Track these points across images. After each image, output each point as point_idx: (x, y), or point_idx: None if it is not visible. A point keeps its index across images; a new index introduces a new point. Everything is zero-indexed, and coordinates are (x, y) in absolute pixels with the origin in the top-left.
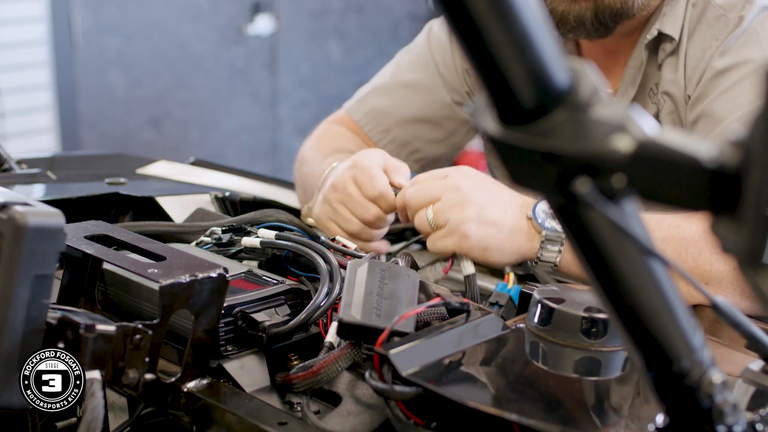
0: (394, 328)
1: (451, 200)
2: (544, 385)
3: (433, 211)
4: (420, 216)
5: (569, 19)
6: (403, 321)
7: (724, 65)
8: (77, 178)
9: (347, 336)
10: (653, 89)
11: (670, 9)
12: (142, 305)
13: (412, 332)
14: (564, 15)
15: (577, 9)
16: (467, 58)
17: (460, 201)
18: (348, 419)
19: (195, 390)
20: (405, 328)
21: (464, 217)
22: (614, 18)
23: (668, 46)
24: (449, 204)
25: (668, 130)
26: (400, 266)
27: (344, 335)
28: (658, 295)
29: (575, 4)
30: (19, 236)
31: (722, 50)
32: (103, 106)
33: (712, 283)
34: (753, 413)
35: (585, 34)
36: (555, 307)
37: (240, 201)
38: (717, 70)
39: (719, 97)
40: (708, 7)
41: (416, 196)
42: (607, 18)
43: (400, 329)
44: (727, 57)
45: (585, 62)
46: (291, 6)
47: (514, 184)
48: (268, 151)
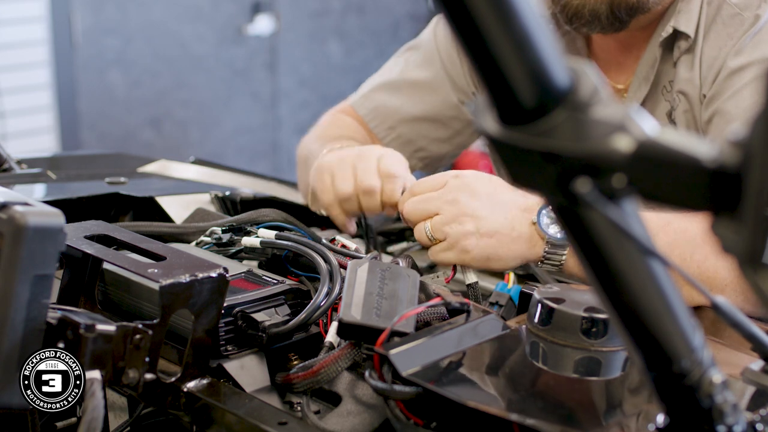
0: (394, 328)
1: (449, 215)
2: (544, 386)
3: (431, 226)
4: (419, 229)
5: (584, 13)
6: (404, 321)
7: (739, 64)
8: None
9: (347, 336)
10: (666, 86)
11: (685, 6)
12: (142, 305)
13: (412, 332)
14: (579, 9)
15: (593, 3)
16: (467, 58)
17: (457, 215)
18: (348, 419)
19: (195, 390)
20: (405, 328)
21: (463, 232)
22: (630, 12)
23: (683, 44)
24: (447, 219)
25: (668, 130)
26: (401, 266)
27: (344, 335)
28: (658, 295)
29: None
30: (19, 236)
31: (737, 49)
32: (103, 106)
33: (716, 290)
34: (753, 413)
35: (600, 28)
36: (555, 307)
37: (240, 200)
38: (732, 69)
39: (733, 96)
40: (723, 5)
41: (414, 210)
42: (623, 12)
43: (400, 329)
44: (741, 56)
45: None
46: (291, 6)
47: (514, 184)
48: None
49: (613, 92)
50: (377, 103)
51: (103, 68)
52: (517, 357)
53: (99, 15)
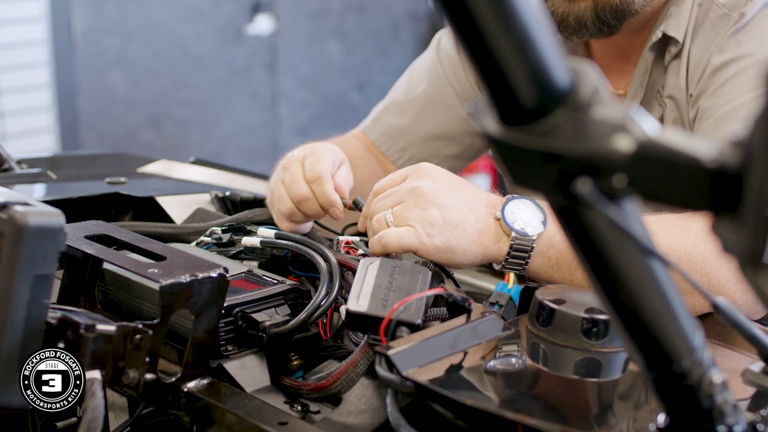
0: (401, 318)
1: (412, 202)
2: (545, 386)
3: (393, 213)
4: (378, 218)
5: (570, 21)
6: (412, 311)
7: (722, 61)
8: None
9: (354, 327)
10: (660, 91)
11: (676, 9)
12: (143, 305)
13: (419, 323)
14: (564, 17)
15: (577, 10)
16: (468, 59)
17: (420, 202)
18: (348, 419)
19: (195, 390)
20: (413, 318)
21: (427, 218)
22: (617, 16)
23: (673, 49)
24: (410, 206)
25: (669, 130)
26: (413, 263)
27: (351, 326)
28: (658, 295)
29: (574, 4)
30: (19, 236)
31: (720, 47)
32: (103, 106)
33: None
34: (753, 413)
35: (588, 34)
36: (556, 307)
37: (240, 200)
38: (715, 67)
39: (714, 93)
40: (712, 6)
41: (377, 207)
42: (609, 16)
43: (408, 319)
44: (724, 53)
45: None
46: (291, 6)
47: (515, 184)
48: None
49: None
50: (387, 126)
51: (103, 68)
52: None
53: (99, 15)
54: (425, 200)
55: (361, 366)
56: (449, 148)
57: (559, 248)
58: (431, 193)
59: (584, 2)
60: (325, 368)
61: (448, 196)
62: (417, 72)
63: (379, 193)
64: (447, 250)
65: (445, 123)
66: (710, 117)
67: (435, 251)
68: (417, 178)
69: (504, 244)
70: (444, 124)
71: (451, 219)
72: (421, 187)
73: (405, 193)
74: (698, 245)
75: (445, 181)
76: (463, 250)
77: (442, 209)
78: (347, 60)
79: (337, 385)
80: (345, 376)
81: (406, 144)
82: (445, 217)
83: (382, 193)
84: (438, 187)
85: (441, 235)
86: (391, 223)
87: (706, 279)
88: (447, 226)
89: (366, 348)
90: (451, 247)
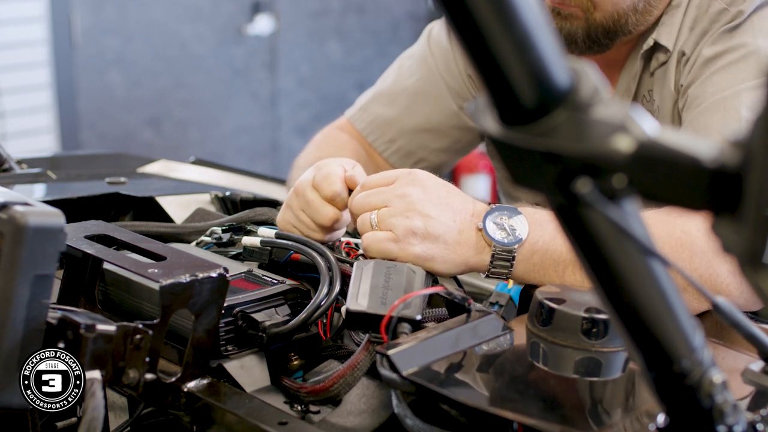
0: (401, 315)
1: (398, 208)
2: (545, 386)
3: (377, 216)
4: (363, 219)
5: (560, 36)
6: (412, 308)
7: (714, 52)
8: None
9: (354, 326)
10: (646, 96)
11: (668, 18)
12: (143, 305)
13: (420, 319)
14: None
15: (568, 27)
16: (468, 58)
17: (405, 210)
18: (348, 419)
19: (195, 390)
20: (413, 314)
21: (410, 227)
22: (608, 36)
23: (662, 56)
24: (395, 212)
25: (669, 130)
26: (406, 264)
27: (351, 325)
28: (658, 295)
29: (566, 21)
30: (19, 236)
31: (714, 39)
32: (103, 106)
33: None
34: (753, 413)
35: (578, 52)
36: (556, 307)
37: (240, 200)
38: (706, 58)
39: (705, 81)
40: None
41: (362, 203)
42: (600, 36)
43: (408, 315)
44: (717, 45)
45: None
46: (291, 6)
47: (514, 184)
48: (268, 151)
49: None
50: (374, 116)
51: (103, 68)
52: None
53: (99, 15)
54: (411, 209)
55: (360, 369)
56: (437, 141)
57: (542, 253)
58: (418, 203)
59: (577, 21)
60: (325, 368)
61: (435, 207)
62: (407, 62)
63: (367, 187)
64: (427, 259)
65: (435, 116)
66: (699, 105)
67: (414, 260)
68: (407, 185)
69: (486, 255)
70: (433, 117)
71: (433, 230)
72: (410, 195)
73: (393, 197)
74: (685, 241)
75: (433, 190)
76: (443, 260)
77: (426, 220)
78: (347, 60)
79: (335, 388)
80: (343, 379)
81: (395, 135)
82: (428, 228)
83: (370, 190)
84: (425, 197)
85: (421, 245)
86: (375, 226)
87: (697, 275)
88: (428, 237)
89: (364, 351)
90: (432, 257)
